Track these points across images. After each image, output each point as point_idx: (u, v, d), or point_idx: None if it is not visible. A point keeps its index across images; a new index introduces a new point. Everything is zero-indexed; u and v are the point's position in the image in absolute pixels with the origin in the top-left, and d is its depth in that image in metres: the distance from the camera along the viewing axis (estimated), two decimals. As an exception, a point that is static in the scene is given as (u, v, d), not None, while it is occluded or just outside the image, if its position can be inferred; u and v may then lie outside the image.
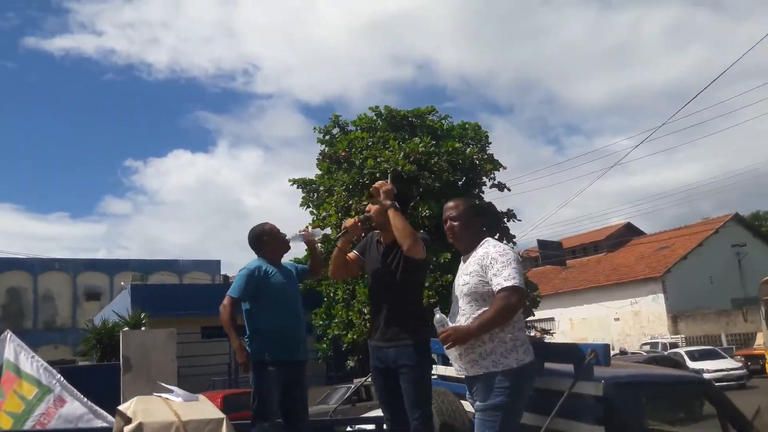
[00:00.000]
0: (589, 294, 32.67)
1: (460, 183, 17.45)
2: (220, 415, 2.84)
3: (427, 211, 15.19)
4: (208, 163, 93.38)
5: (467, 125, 18.51)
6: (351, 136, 18.20)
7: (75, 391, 4.49)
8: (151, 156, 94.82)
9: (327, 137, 19.49)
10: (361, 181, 16.58)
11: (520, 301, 2.95)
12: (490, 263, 3.04)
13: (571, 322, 33.65)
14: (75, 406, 4.34)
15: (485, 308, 2.97)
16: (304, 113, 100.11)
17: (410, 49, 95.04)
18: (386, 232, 3.58)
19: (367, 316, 15.18)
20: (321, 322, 17.41)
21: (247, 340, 4.00)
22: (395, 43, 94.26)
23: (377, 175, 15.89)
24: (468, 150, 17.27)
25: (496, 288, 2.96)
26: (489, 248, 3.14)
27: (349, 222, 3.71)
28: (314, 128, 19.68)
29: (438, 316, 3.02)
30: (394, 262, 3.58)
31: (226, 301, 3.94)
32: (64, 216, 79.33)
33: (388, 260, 3.60)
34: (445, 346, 3.00)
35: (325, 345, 17.91)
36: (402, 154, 16.02)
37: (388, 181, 3.69)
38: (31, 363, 4.60)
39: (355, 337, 15.50)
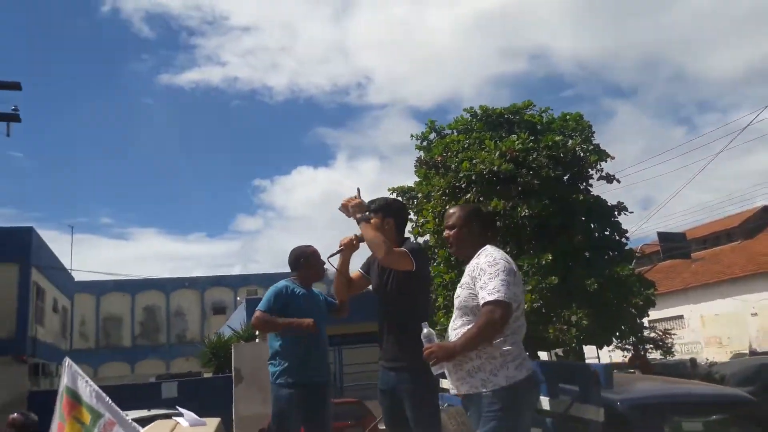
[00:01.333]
0: (723, 287, 29.96)
1: (565, 178, 16.68)
2: None
3: (526, 210, 14.58)
4: (330, 176, 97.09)
5: (568, 116, 17.65)
6: (447, 140, 17.94)
7: (121, 414, 4.66)
8: (277, 174, 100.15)
9: (424, 143, 19.36)
10: (457, 185, 16.27)
11: (505, 316, 2.70)
12: (479, 274, 2.83)
13: (702, 320, 31.07)
14: (121, 429, 4.47)
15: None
16: (418, 119, 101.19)
17: (521, 41, 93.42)
18: None
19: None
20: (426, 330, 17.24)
21: (270, 361, 4.01)
22: (505, 36, 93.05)
23: (473, 177, 15.58)
24: (570, 142, 16.40)
25: (480, 302, 2.74)
26: (480, 258, 2.91)
27: (344, 240, 3.57)
28: (411, 135, 19.61)
29: (425, 330, 2.85)
30: (389, 280, 3.43)
31: (257, 314, 3.99)
32: (202, 236, 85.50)
33: (383, 278, 3.46)
34: (430, 364, 2.79)
35: (432, 352, 17.69)
36: (498, 153, 15.52)
37: (357, 195, 3.52)
38: (86, 389, 4.82)
39: (458, 343, 15.14)
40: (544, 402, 3.03)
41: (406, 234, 3.43)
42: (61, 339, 26.20)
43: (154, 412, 12.03)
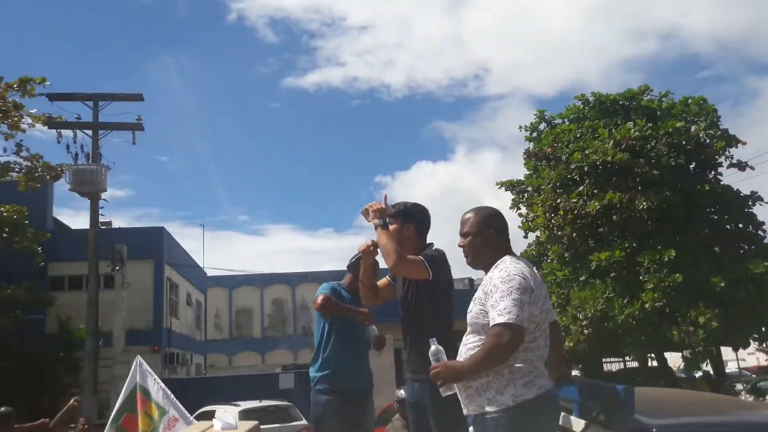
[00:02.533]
0: None
1: (690, 167, 15.43)
2: None
3: (645, 203, 13.61)
4: (449, 170, 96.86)
5: (690, 100, 16.27)
6: (557, 130, 17.21)
7: (184, 411, 4.88)
8: (397, 170, 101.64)
9: (534, 134, 18.71)
10: (568, 177, 15.56)
11: (514, 340, 2.44)
12: (491, 291, 2.57)
13: None
14: (184, 425, 4.68)
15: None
16: (538, 107, 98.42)
17: (651, 21, 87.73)
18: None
19: (584, 323, 14.13)
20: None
21: (311, 365, 4.03)
22: (633, 17, 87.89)
23: (585, 168, 14.82)
24: (693, 128, 15.10)
25: (490, 323, 2.50)
26: (495, 272, 2.65)
27: (362, 246, 3.45)
28: (519, 127, 18.96)
29: (433, 348, 2.66)
30: (409, 289, 3.28)
31: (323, 295, 3.97)
32: (330, 231, 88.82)
33: (405, 287, 3.32)
34: (438, 384, 2.59)
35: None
36: (612, 142, 14.62)
37: (383, 201, 3.39)
38: (154, 386, 5.13)
39: (571, 344, 14.47)
40: (577, 424, 2.75)
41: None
42: (195, 330, 28.32)
43: (265, 403, 12.64)
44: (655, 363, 18.15)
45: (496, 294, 2.55)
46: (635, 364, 21.70)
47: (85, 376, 15.32)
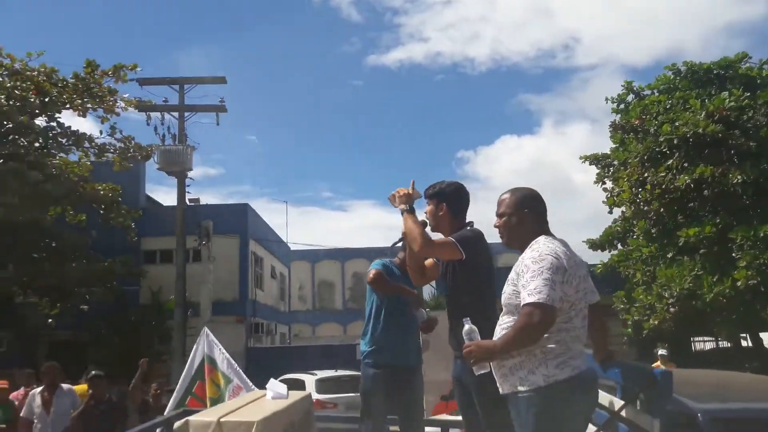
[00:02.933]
0: None
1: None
2: (256, 418, 2.83)
3: (739, 176, 12.77)
4: (535, 143, 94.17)
5: (794, 66, 14.99)
6: (645, 101, 16.36)
7: (246, 379, 5.07)
8: (480, 145, 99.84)
9: (621, 106, 17.85)
10: (656, 150, 14.78)
11: (545, 320, 2.42)
12: (523, 270, 2.56)
13: None
14: (245, 393, 4.84)
15: None
16: (632, 77, 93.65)
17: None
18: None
19: (670, 301, 13.53)
20: (621, 306, 16.09)
21: (361, 339, 4.11)
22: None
23: (675, 141, 14.02)
24: (796, 97, 13.92)
25: (521, 303, 2.48)
26: (527, 252, 2.63)
27: (404, 228, 3.41)
28: (606, 99, 18.12)
29: (466, 327, 2.68)
30: (448, 269, 3.29)
31: (375, 270, 4.02)
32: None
33: (444, 266, 3.34)
34: (471, 363, 2.61)
35: (629, 330, 16.49)
36: (704, 113, 13.75)
37: (411, 187, 3.41)
38: (220, 356, 5.35)
39: (656, 322, 13.92)
40: (617, 405, 2.62)
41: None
42: (279, 301, 29.34)
43: (340, 372, 13.02)
44: (749, 343, 17.17)
45: (527, 274, 2.54)
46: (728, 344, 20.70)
47: (175, 344, 16.24)
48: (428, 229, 3.57)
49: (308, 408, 3.52)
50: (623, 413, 2.64)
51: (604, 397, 2.89)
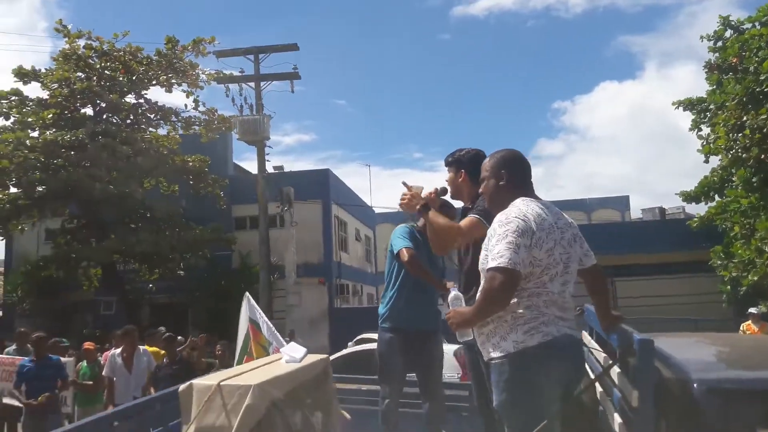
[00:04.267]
0: None
1: None
2: (253, 382, 2.82)
3: None
4: (638, 89, 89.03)
5: None
6: (745, 37, 14.85)
7: (282, 341, 5.16)
8: (577, 94, 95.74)
9: (718, 43, 16.32)
10: (757, 91, 13.49)
11: (504, 283, 2.33)
12: (490, 235, 2.44)
13: None
14: None
15: None
16: (746, 8, 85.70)
17: None
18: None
19: (769, 255, 12.48)
20: (719, 262, 15.03)
21: (380, 303, 4.13)
22: None
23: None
24: None
25: (486, 267, 2.38)
26: (497, 216, 2.48)
27: (425, 195, 3.31)
28: (701, 37, 16.58)
29: (452, 294, 2.67)
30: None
31: (407, 251, 3.94)
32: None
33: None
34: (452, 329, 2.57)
35: (727, 287, 15.41)
36: (812, 46, 12.34)
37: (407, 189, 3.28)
38: (261, 319, 5.47)
39: (756, 278, 12.90)
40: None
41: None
42: (365, 263, 29.81)
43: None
44: None
45: (493, 239, 2.45)
46: None
47: (262, 305, 16.94)
48: (447, 196, 3.58)
49: (321, 371, 3.50)
50: (616, 381, 2.43)
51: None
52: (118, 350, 7.45)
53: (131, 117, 20.16)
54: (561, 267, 2.48)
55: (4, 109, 18.76)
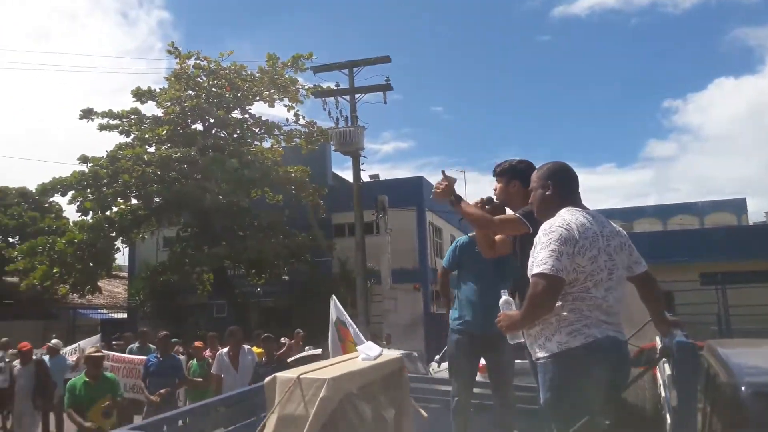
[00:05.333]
0: None
1: None
2: (329, 376, 3.05)
3: None
4: (757, 84, 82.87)
5: None
6: None
7: (364, 341, 5.41)
8: (689, 92, 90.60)
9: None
10: None
11: (547, 289, 2.49)
12: (535, 243, 2.59)
13: None
14: None
15: None
16: None
17: None
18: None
19: None
20: None
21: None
22: None
23: None
24: None
25: (530, 273, 2.54)
26: (543, 225, 2.64)
27: (474, 202, 3.52)
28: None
29: (502, 298, 2.79)
30: (515, 243, 3.38)
31: (440, 270, 4.42)
32: (611, 167, 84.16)
33: (514, 242, 3.43)
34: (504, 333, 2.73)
35: None
36: None
37: (443, 178, 3.48)
38: (347, 321, 5.76)
39: None
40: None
41: None
42: (463, 270, 29.61)
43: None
44: None
45: (538, 246, 2.62)
46: None
47: (359, 310, 17.50)
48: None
49: (396, 370, 3.74)
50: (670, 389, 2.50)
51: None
52: (226, 350, 8.05)
53: (237, 131, 21.48)
54: (605, 273, 2.60)
55: (125, 128, 20.60)
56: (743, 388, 2.21)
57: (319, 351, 9.46)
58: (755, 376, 2.37)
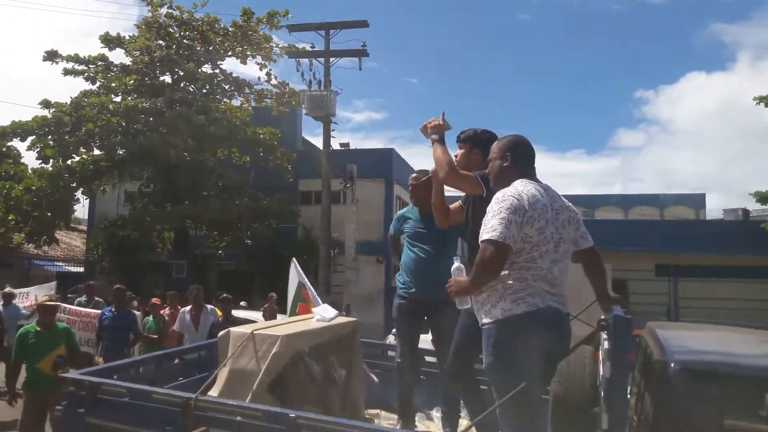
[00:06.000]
0: None
1: None
2: (282, 333, 3.13)
3: None
4: (727, 81, 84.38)
5: None
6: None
7: (319, 300, 5.51)
8: (661, 84, 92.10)
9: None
10: None
11: (495, 255, 2.57)
12: (487, 211, 2.67)
13: None
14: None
15: None
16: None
17: None
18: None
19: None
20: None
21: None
22: None
23: None
24: None
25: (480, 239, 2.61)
26: (496, 194, 2.72)
27: (433, 168, 3.56)
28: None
29: (455, 264, 2.88)
30: (468, 208, 3.44)
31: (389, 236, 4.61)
32: (580, 153, 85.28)
33: (466, 208, 3.47)
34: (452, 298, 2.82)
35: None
36: None
37: (441, 118, 3.50)
38: (307, 283, 5.83)
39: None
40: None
41: None
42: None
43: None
44: None
45: (489, 213, 2.68)
46: None
47: (321, 278, 17.54)
48: None
49: (349, 333, 3.82)
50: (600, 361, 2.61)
51: None
52: (188, 308, 8.04)
53: (207, 86, 20.94)
54: (551, 245, 2.69)
55: (91, 74, 19.92)
56: (672, 364, 2.33)
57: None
58: (684, 354, 2.50)
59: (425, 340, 4.41)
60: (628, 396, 2.80)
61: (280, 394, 2.97)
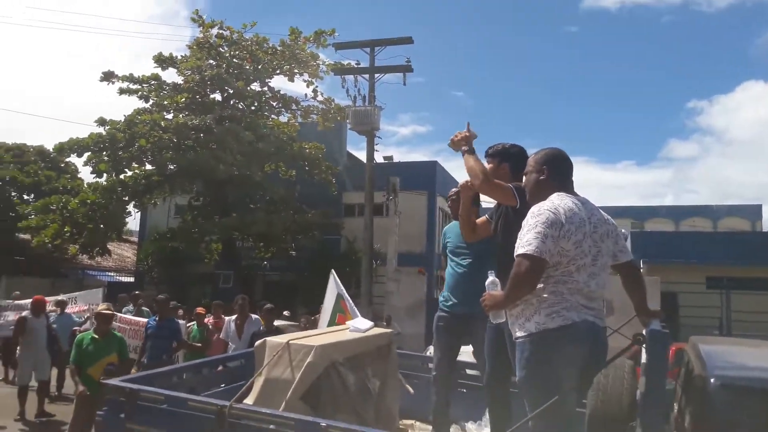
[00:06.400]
0: None
1: None
2: (317, 344, 3.15)
3: None
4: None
5: None
6: None
7: (356, 312, 5.51)
8: (716, 93, 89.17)
9: None
10: None
11: (530, 269, 2.55)
12: (523, 225, 2.64)
13: None
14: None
15: None
16: None
17: None
18: None
19: None
20: None
21: None
22: None
23: None
24: None
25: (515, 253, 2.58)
26: (532, 208, 2.69)
27: (462, 182, 3.55)
28: None
29: (489, 278, 2.82)
30: (498, 221, 3.37)
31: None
32: (630, 164, 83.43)
33: (496, 221, 3.41)
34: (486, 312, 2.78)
35: None
36: None
37: (467, 129, 3.43)
38: (345, 295, 5.87)
39: None
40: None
41: None
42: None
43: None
44: None
45: (525, 228, 2.65)
46: None
47: (363, 289, 17.62)
48: None
49: (385, 345, 3.83)
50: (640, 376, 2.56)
51: None
52: (234, 317, 8.22)
53: (255, 104, 21.52)
54: (589, 259, 2.65)
55: (144, 93, 20.72)
56: (712, 380, 2.27)
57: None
58: (725, 369, 2.43)
59: (467, 352, 4.39)
60: (670, 410, 2.74)
61: (314, 404, 3.01)
